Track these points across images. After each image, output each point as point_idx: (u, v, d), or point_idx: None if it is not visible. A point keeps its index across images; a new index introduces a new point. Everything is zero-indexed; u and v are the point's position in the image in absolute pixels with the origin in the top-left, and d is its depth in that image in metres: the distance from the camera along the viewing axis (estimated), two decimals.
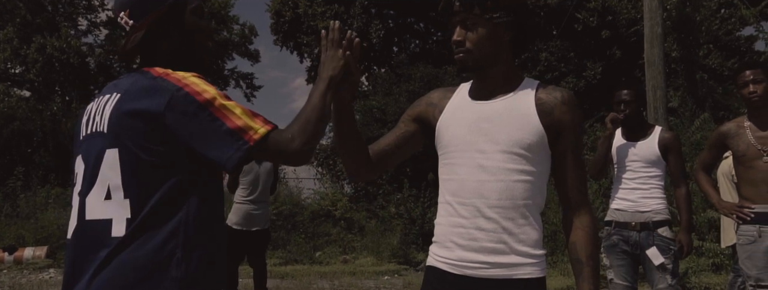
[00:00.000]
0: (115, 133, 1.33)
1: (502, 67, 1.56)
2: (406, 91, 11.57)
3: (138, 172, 1.31)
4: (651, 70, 8.62)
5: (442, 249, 1.57)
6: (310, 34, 17.13)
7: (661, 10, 8.89)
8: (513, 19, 1.51)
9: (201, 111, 1.28)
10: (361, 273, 8.52)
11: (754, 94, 2.78)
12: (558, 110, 1.50)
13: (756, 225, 2.77)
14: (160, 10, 1.42)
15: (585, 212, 1.51)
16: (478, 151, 1.52)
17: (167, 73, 1.35)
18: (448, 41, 7.71)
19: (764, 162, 2.76)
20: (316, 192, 12.15)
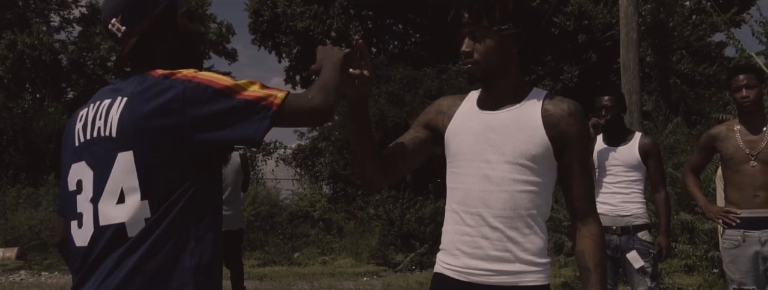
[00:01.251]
0: (128, 137, 1.32)
1: (510, 79, 1.59)
2: (386, 93, 11.59)
3: (154, 173, 1.32)
4: (627, 74, 8.79)
5: (449, 256, 1.61)
6: (289, 33, 17.06)
7: (636, 15, 9.07)
8: (521, 30, 1.53)
9: (216, 94, 1.30)
10: (339, 274, 8.52)
11: (746, 99, 2.80)
12: (564, 122, 1.52)
13: (740, 230, 2.81)
14: (153, 15, 1.41)
15: (592, 221, 1.54)
16: (484, 161, 1.54)
17: (172, 72, 1.36)
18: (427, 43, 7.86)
19: (751, 166, 2.79)
20: (295, 193, 12.11)
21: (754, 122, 2.85)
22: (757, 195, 2.78)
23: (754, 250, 2.79)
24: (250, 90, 1.33)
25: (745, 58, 9.48)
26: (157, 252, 1.30)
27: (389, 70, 12.45)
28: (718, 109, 8.16)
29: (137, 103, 1.33)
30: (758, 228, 2.80)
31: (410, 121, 11.36)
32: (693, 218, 6.69)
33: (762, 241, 2.77)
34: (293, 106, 1.33)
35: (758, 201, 2.78)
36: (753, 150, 2.80)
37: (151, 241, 1.30)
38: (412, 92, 11.56)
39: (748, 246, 2.80)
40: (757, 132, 2.83)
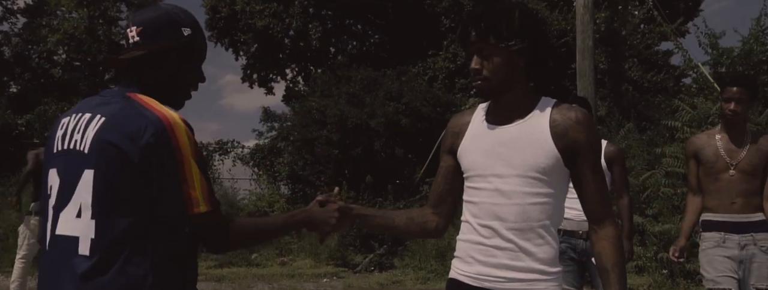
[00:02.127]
0: (95, 157, 1.37)
1: (517, 92, 1.62)
2: (346, 93, 11.59)
3: (107, 196, 1.35)
4: (582, 80, 9.07)
5: (463, 263, 1.67)
6: (248, 32, 16.84)
7: (592, 23, 9.37)
8: (527, 45, 1.56)
9: (173, 165, 1.35)
10: (299, 275, 8.48)
11: (732, 112, 2.86)
12: (572, 131, 1.56)
13: (721, 233, 2.90)
14: (170, 41, 1.47)
15: (609, 224, 1.59)
16: (496, 176, 1.59)
17: (154, 108, 1.39)
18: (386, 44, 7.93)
19: (730, 175, 2.88)
20: (253, 193, 11.97)
21: (736, 133, 2.94)
22: (735, 202, 2.89)
23: (733, 253, 2.87)
24: (195, 182, 1.36)
25: (691, 67, 9.92)
26: (102, 275, 1.32)
27: (349, 71, 12.46)
28: (667, 116, 8.49)
29: (112, 126, 1.37)
30: (738, 232, 2.89)
31: (371, 122, 11.42)
32: (644, 221, 6.97)
33: (741, 245, 2.87)
34: (202, 225, 1.40)
35: (736, 208, 2.89)
36: (733, 160, 2.89)
37: (97, 262, 1.32)
38: (372, 93, 11.60)
39: (727, 248, 2.88)
40: (738, 143, 2.92)
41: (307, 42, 17.83)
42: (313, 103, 11.77)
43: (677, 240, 3.11)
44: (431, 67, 14.73)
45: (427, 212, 1.79)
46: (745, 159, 2.88)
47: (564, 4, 15.08)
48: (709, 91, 9.18)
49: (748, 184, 2.90)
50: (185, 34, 1.49)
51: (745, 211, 2.89)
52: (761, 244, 2.85)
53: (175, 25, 1.48)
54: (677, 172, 7.09)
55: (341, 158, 11.11)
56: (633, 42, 12.19)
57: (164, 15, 1.49)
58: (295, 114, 11.91)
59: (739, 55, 9.39)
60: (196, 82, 1.58)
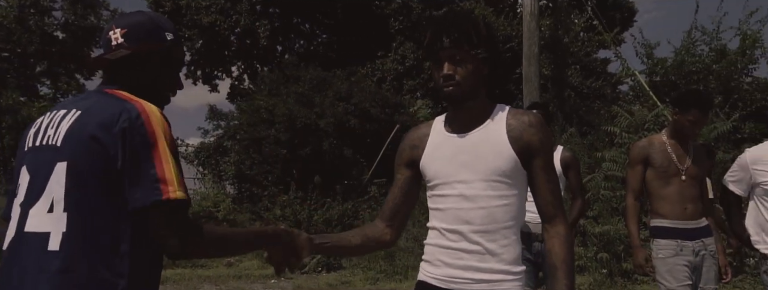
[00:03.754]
0: (69, 149, 1.35)
1: (480, 100, 1.69)
2: (295, 93, 11.51)
3: (82, 189, 1.32)
4: (528, 85, 9.37)
5: (431, 266, 1.71)
6: (193, 27, 16.45)
7: (537, 31, 9.70)
8: (490, 55, 1.65)
9: (145, 148, 1.31)
10: (246, 276, 8.37)
11: (691, 133, 3.00)
12: (526, 133, 1.63)
13: (676, 240, 2.94)
14: (154, 44, 1.49)
15: (559, 222, 1.66)
16: (460, 182, 1.65)
17: (131, 98, 1.39)
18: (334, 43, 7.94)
19: (682, 180, 2.97)
20: (197, 193, 11.70)
21: (684, 140, 3.05)
22: (687, 207, 2.97)
23: (690, 260, 2.94)
24: (169, 167, 1.32)
25: (629, 75, 10.42)
26: (74, 270, 1.29)
27: (298, 70, 12.38)
28: (606, 122, 8.88)
29: (85, 121, 1.36)
30: (691, 239, 2.95)
31: (320, 122, 11.39)
32: (584, 222, 7.26)
33: (695, 252, 2.94)
34: (172, 214, 1.31)
35: (688, 213, 2.97)
36: (682, 165, 3.00)
37: (67, 256, 1.29)
38: (321, 93, 11.57)
39: (684, 256, 2.94)
40: (685, 149, 3.04)
41: (254, 40, 17.58)
42: (261, 101, 11.63)
43: (638, 253, 3.05)
44: (380, 68, 14.83)
45: (381, 226, 1.81)
46: (692, 165, 3.01)
47: (510, 10, 15.50)
48: (645, 98, 9.68)
49: (696, 189, 3.02)
50: (168, 39, 1.51)
51: (696, 217, 2.99)
52: (710, 248, 2.97)
53: (159, 29, 1.50)
54: (616, 176, 7.43)
55: (289, 158, 11.04)
56: (574, 49, 12.68)
57: (149, 19, 1.51)
58: (242, 112, 11.73)
59: (672, 65, 9.95)
60: (175, 88, 1.59)
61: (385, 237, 1.80)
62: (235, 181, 11.74)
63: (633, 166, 3.12)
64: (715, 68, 9.49)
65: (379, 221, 1.83)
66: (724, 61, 9.35)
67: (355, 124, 11.20)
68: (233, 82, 19.36)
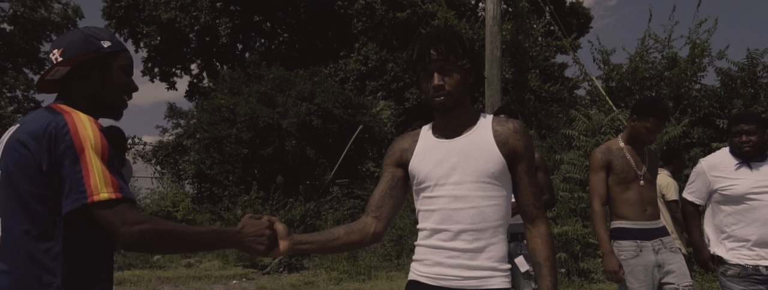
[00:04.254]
0: (4, 159, 1.45)
1: (466, 107, 1.78)
2: (257, 92, 11.40)
3: (15, 195, 1.40)
4: (490, 89, 9.54)
5: (422, 265, 1.77)
6: (151, 23, 16.11)
7: (499, 34, 9.87)
8: (473, 65, 1.76)
9: (68, 152, 1.38)
10: (207, 277, 8.27)
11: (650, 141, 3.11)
12: (512, 139, 1.73)
13: (636, 241, 3.04)
14: (89, 54, 1.55)
15: (541, 223, 1.75)
16: (452, 184, 1.72)
17: (66, 110, 1.47)
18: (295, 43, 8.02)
19: (640, 184, 3.08)
20: (155, 192, 11.46)
21: (639, 144, 3.16)
22: (646, 209, 3.09)
23: (651, 259, 3.03)
24: (94, 170, 1.38)
25: (587, 80, 10.73)
26: (9, 271, 1.35)
27: (261, 70, 12.27)
28: (565, 125, 9.12)
29: (22, 129, 1.46)
30: (649, 239, 3.04)
31: (282, 122, 11.32)
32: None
33: (656, 250, 3.05)
34: (105, 213, 1.36)
35: (648, 215, 3.09)
36: (640, 170, 3.11)
37: (4, 258, 1.36)
38: (284, 93, 11.51)
39: (644, 256, 3.00)
40: (641, 154, 3.15)
41: (214, 37, 17.33)
42: (223, 100, 11.48)
43: (611, 259, 3.05)
44: (343, 69, 14.84)
45: (367, 219, 1.84)
46: (648, 170, 3.13)
47: (471, 14, 15.74)
48: (601, 102, 9.99)
49: (653, 192, 3.15)
50: (105, 46, 1.57)
51: (654, 218, 3.12)
52: (669, 246, 3.09)
53: (93, 39, 1.58)
54: (574, 178, 7.64)
55: (251, 157, 10.94)
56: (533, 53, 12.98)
57: (81, 34, 1.59)
58: (202, 111, 11.55)
59: (626, 71, 10.29)
60: (129, 90, 1.64)
61: (370, 228, 1.82)
62: (195, 181, 11.55)
63: (596, 172, 3.20)
64: (666, 75, 9.85)
65: (364, 215, 1.86)
66: (676, 68, 9.72)
67: (317, 124, 11.18)
68: (192, 80, 19.04)
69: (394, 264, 8.17)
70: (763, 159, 3.13)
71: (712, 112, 9.11)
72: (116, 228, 1.36)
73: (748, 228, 3.04)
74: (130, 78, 1.64)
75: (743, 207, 3.07)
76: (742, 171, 3.11)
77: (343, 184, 10.68)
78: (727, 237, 3.12)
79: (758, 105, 8.85)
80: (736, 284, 3.05)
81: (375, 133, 11.99)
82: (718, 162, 3.20)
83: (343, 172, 10.97)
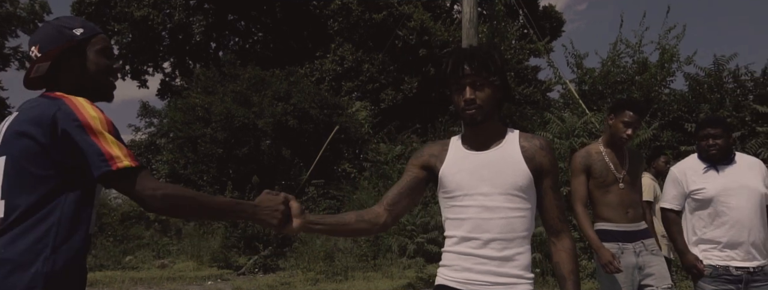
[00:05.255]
0: (6, 143, 1.51)
1: (494, 121, 1.85)
2: (233, 92, 11.31)
3: (17, 179, 1.48)
4: None
5: (451, 270, 1.85)
6: (122, 21, 15.83)
7: (476, 37, 9.97)
8: (502, 82, 1.82)
9: (78, 128, 1.45)
10: (181, 278, 8.18)
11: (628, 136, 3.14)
12: (538, 155, 1.81)
13: (617, 243, 3.08)
14: (64, 44, 1.59)
15: (565, 236, 1.84)
16: (482, 194, 1.79)
17: (62, 95, 1.53)
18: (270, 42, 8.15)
19: (620, 187, 3.13)
20: None
21: (619, 149, 3.22)
22: (628, 212, 3.11)
23: (632, 261, 3.04)
24: (107, 141, 1.46)
25: (561, 83, 10.92)
26: (5, 252, 1.42)
27: (236, 69, 12.18)
28: (539, 127, 9.26)
29: (22, 115, 1.53)
30: (631, 241, 3.08)
31: (258, 122, 11.25)
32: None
33: (637, 252, 3.09)
34: (128, 181, 1.46)
35: (629, 217, 3.10)
36: (619, 173, 3.16)
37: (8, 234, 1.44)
38: (260, 93, 11.44)
39: (625, 258, 3.04)
40: (621, 158, 3.20)
41: (187, 36, 17.12)
42: (197, 99, 11.36)
43: (604, 252, 3.09)
44: (318, 69, 14.81)
45: (380, 210, 1.89)
46: (628, 173, 3.17)
47: (446, 16, 15.87)
48: (574, 105, 10.18)
49: (634, 194, 3.20)
50: (77, 34, 1.61)
51: (636, 220, 3.16)
52: (650, 248, 3.14)
53: (64, 29, 1.61)
54: None
55: (226, 157, 10.85)
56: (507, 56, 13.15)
57: (52, 26, 1.63)
58: (177, 110, 11.41)
59: (599, 75, 10.51)
60: (112, 72, 1.68)
61: (380, 218, 1.87)
62: (169, 181, 11.40)
63: (577, 176, 3.26)
64: (637, 79, 10.10)
65: (377, 206, 1.90)
66: (646, 73, 9.97)
67: (293, 124, 11.14)
68: (164, 78, 18.77)
69: (371, 264, 8.19)
70: (729, 162, 3.23)
71: (681, 116, 9.37)
72: (141, 194, 1.45)
73: (719, 231, 3.13)
74: (112, 59, 1.68)
75: (713, 211, 3.15)
76: (710, 175, 3.20)
77: (318, 185, 10.67)
78: (700, 240, 3.21)
79: (724, 109, 9.13)
80: (708, 284, 3.15)
81: (351, 134, 12.00)
82: (687, 167, 3.30)
83: (319, 173, 10.96)
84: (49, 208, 1.47)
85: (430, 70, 14.52)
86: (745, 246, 3.10)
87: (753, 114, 8.96)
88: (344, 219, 1.84)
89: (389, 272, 7.77)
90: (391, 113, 14.24)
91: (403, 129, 12.66)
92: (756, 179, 3.22)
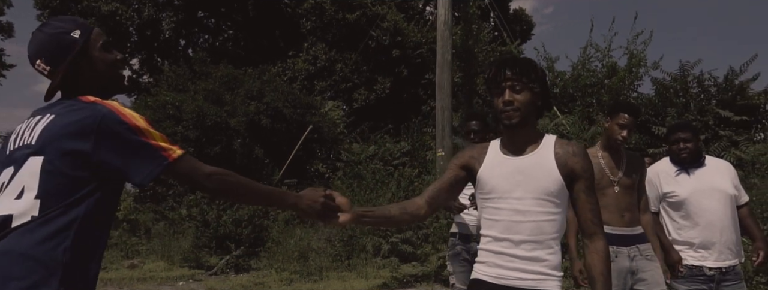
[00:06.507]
0: (43, 145, 1.52)
1: (532, 127, 1.97)
2: (205, 90, 11.17)
3: (54, 180, 1.48)
4: (441, 92, 9.71)
5: (485, 266, 1.98)
6: (89, 15, 15.45)
7: (450, 39, 10.08)
8: (542, 91, 1.95)
9: (128, 131, 1.49)
10: (151, 278, 8.05)
11: (623, 139, 3.13)
12: (570, 161, 1.91)
13: (612, 247, 3.02)
14: (72, 55, 1.61)
15: (598, 239, 1.92)
16: (515, 198, 1.91)
17: (99, 101, 1.56)
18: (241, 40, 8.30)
19: (615, 190, 3.14)
20: None
21: (615, 152, 3.23)
22: (624, 215, 3.10)
23: (625, 265, 3.04)
24: (155, 137, 1.52)
25: None
26: (31, 241, 1.44)
27: (208, 67, 12.03)
28: None
29: (60, 119, 1.54)
30: (626, 245, 3.06)
31: (230, 121, 11.13)
32: None
33: (631, 256, 3.06)
34: (186, 167, 1.53)
35: (625, 221, 3.10)
36: (614, 177, 3.14)
37: (29, 230, 1.45)
38: (232, 91, 11.32)
39: (619, 262, 3.03)
40: (617, 161, 3.20)
41: (156, 32, 16.82)
42: (168, 97, 11.18)
43: (575, 264, 3.17)
44: (291, 68, 14.73)
45: (421, 203, 2.02)
46: (625, 176, 3.18)
47: (420, 18, 15.96)
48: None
49: (631, 198, 3.18)
50: (77, 37, 1.62)
51: (632, 224, 3.15)
52: (646, 253, 3.12)
53: (64, 36, 1.62)
54: None
55: (197, 156, 10.68)
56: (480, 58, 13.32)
57: (47, 35, 1.63)
58: (146, 108, 11.22)
59: (570, 78, 10.72)
60: (119, 63, 1.70)
61: (421, 211, 2.01)
62: None
63: None
64: (607, 83, 10.34)
65: (419, 198, 2.03)
66: (615, 77, 10.21)
67: (266, 123, 11.06)
68: (132, 75, 18.40)
69: (345, 264, 8.19)
70: (699, 165, 3.35)
71: (649, 120, 9.62)
72: (199, 178, 1.53)
73: (692, 232, 3.24)
74: (113, 51, 1.70)
75: (685, 213, 3.27)
76: (682, 178, 3.32)
77: (291, 184, 10.61)
78: (674, 240, 3.31)
79: (689, 113, 9.42)
80: (682, 284, 3.24)
81: (324, 134, 11.98)
82: (660, 170, 3.40)
83: (292, 172, 10.91)
84: (80, 209, 1.49)
85: (402, 70, 14.57)
86: (718, 247, 3.22)
87: (716, 118, 9.27)
88: (390, 211, 1.96)
89: (364, 272, 7.78)
90: (364, 113, 14.25)
91: (376, 129, 12.69)
92: (725, 181, 3.35)
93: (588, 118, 9.91)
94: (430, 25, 14.68)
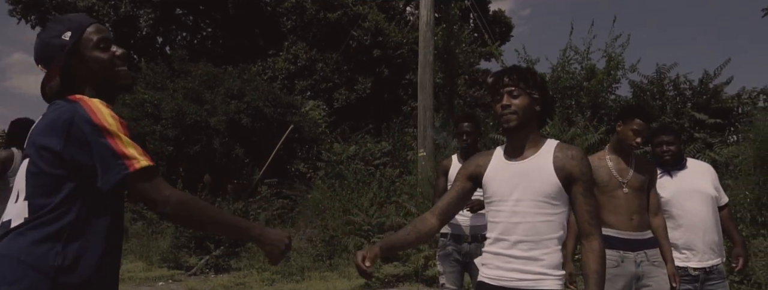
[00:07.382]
0: (29, 146, 1.57)
1: (532, 132, 2.06)
2: (184, 88, 11.05)
3: (37, 180, 1.51)
4: (422, 92, 9.75)
5: (486, 268, 2.09)
6: (64, 11, 15.17)
7: (432, 40, 10.12)
8: (541, 98, 2.05)
9: (94, 131, 1.47)
10: (130, 279, 7.94)
11: (637, 144, 3.12)
12: (568, 164, 1.99)
13: (619, 251, 3.00)
14: (61, 57, 1.60)
15: (594, 239, 1.99)
16: (513, 201, 2.01)
17: (80, 98, 1.55)
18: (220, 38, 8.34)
19: (624, 192, 3.10)
20: None
21: (626, 154, 3.19)
22: (632, 218, 3.05)
23: (631, 270, 3.00)
24: (123, 143, 1.48)
25: None
26: (22, 245, 1.45)
27: (187, 65, 11.90)
28: (492, 129, 9.48)
29: (43, 119, 1.57)
30: (634, 250, 3.02)
31: (210, 120, 11.02)
32: None
33: (637, 262, 3.02)
34: (144, 183, 1.46)
35: (634, 224, 3.04)
36: (623, 179, 3.10)
37: (20, 233, 1.46)
38: (212, 90, 11.22)
39: (625, 266, 3.00)
40: (626, 163, 3.17)
41: (133, 29, 16.58)
42: (146, 95, 11.04)
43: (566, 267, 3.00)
44: (271, 67, 14.64)
45: (433, 221, 2.12)
46: (634, 178, 3.13)
47: (400, 18, 16.00)
48: None
49: (640, 200, 3.11)
50: (66, 39, 1.61)
51: (641, 228, 3.07)
52: (653, 259, 3.08)
53: (53, 39, 1.62)
54: None
55: (176, 155, 10.59)
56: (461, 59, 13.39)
57: (40, 40, 1.65)
58: (124, 106, 11.05)
59: (549, 80, 10.84)
60: (116, 61, 1.66)
61: (434, 229, 2.11)
62: None
63: None
64: (586, 85, 10.47)
65: (430, 215, 2.13)
66: (594, 79, 10.35)
67: (247, 122, 10.98)
68: None
69: (327, 264, 8.17)
70: (681, 167, 3.44)
71: None
72: (155, 197, 1.46)
73: (676, 233, 3.29)
74: (110, 49, 1.65)
75: (668, 214, 3.31)
76: (665, 180, 3.37)
77: (272, 184, 10.56)
78: None
79: (665, 116, 9.60)
80: None
81: (305, 133, 11.93)
82: None
83: (273, 172, 10.85)
84: (67, 209, 1.49)
85: (383, 71, 14.59)
86: (701, 247, 3.29)
87: (691, 120, 9.45)
88: (407, 239, 2.06)
89: (346, 272, 7.78)
90: (345, 113, 14.24)
91: (357, 129, 12.68)
92: (706, 183, 3.44)
93: (567, 120, 10.03)
94: (411, 25, 14.73)
